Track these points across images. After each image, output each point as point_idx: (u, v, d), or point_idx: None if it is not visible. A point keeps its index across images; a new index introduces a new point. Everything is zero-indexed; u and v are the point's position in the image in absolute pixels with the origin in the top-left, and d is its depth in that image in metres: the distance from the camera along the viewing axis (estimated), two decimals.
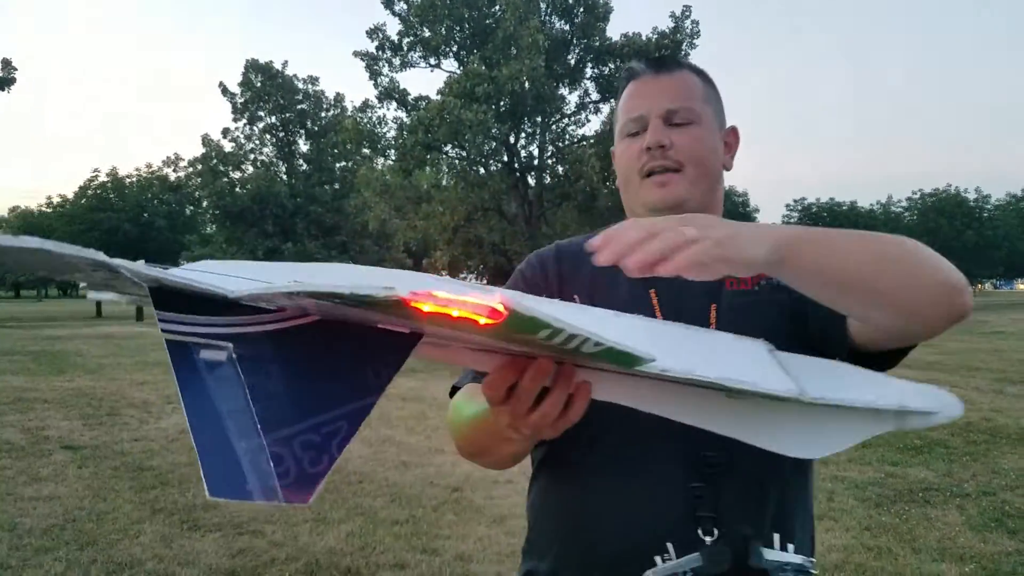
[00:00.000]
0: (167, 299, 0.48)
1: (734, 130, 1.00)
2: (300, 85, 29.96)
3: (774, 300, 0.85)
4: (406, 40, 17.09)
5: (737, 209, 35.19)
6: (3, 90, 15.90)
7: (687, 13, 17.06)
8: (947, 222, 35.76)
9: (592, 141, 17.20)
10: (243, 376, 0.46)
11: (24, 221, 35.78)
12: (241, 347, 0.46)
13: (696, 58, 16.54)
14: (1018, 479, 4.56)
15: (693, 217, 0.62)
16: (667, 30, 16.67)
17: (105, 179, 30.58)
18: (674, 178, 0.90)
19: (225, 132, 29.72)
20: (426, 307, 0.39)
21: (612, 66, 17.31)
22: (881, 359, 0.79)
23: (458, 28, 16.77)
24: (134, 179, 31.22)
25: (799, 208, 38.55)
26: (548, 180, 17.60)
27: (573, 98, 17.92)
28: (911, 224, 38.02)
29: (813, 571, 0.81)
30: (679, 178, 0.90)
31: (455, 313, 0.40)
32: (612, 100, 16.76)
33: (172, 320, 0.48)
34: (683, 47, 16.55)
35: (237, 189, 28.51)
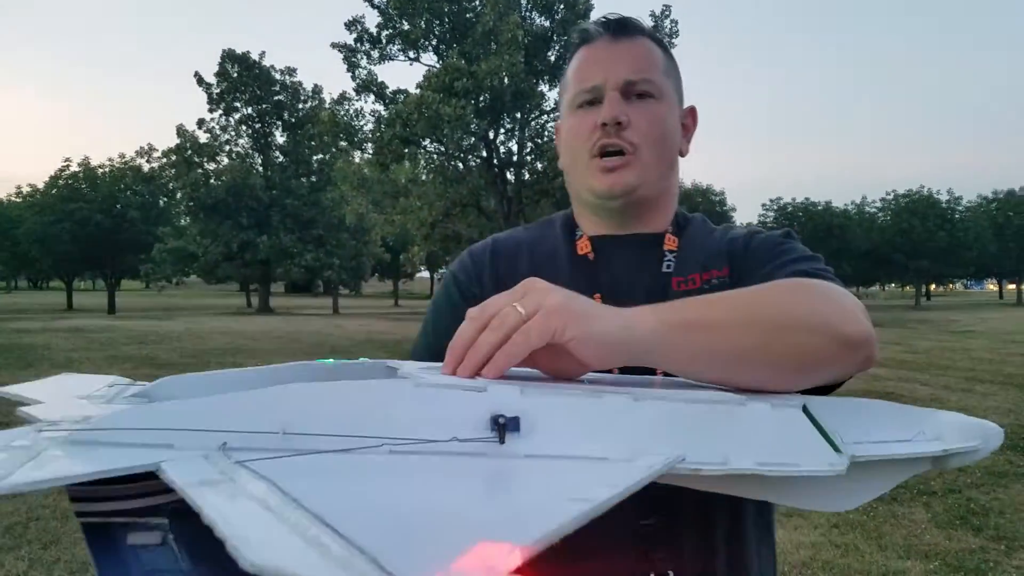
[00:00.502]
0: None
1: (693, 110, 0.91)
2: (277, 76, 29.61)
3: None
4: (385, 33, 16.93)
5: (714, 208, 35.43)
6: None
7: (667, 12, 17.09)
8: (920, 223, 36.38)
9: None
10: (183, 562, 0.36)
11: None
12: (180, 522, 0.35)
13: (675, 53, 16.63)
14: (983, 477, 4.61)
15: (532, 283, 0.53)
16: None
17: (76, 169, 29.83)
18: (626, 162, 0.81)
19: (200, 123, 29.26)
20: None
21: None
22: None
23: (437, 22, 16.63)
24: (107, 169, 30.51)
25: (775, 208, 38.97)
26: (527, 176, 17.54)
27: (552, 95, 17.89)
28: (884, 224, 38.65)
29: None
30: (632, 162, 0.81)
31: None
32: None
33: (87, 496, 0.36)
34: None
35: (212, 181, 28.06)
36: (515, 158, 17.38)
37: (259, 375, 0.57)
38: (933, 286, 50.27)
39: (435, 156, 16.48)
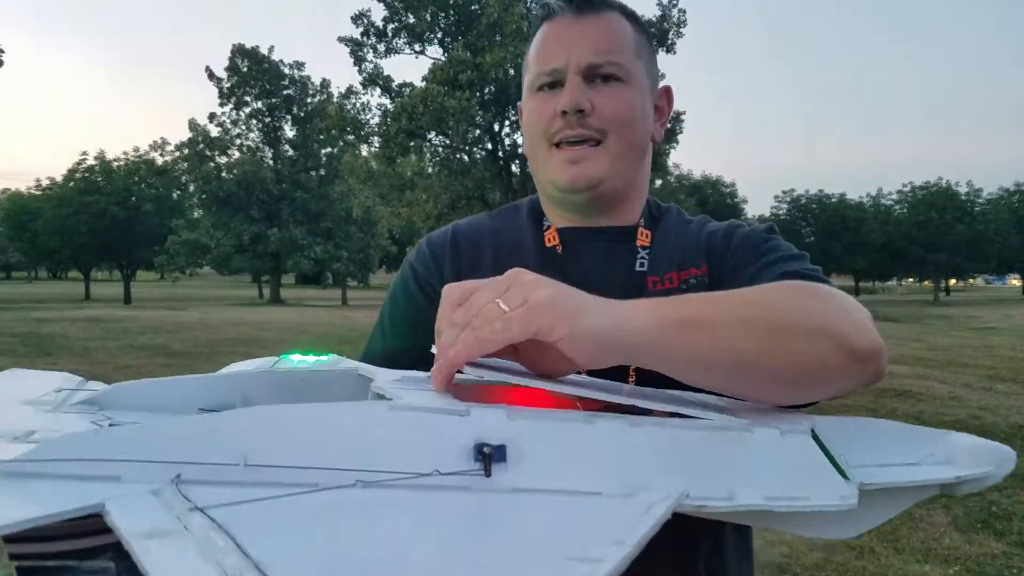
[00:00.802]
0: None
1: (667, 91, 0.83)
2: (286, 70, 29.84)
3: None
4: (391, 26, 16.89)
5: (725, 201, 35.04)
6: None
7: (674, 1, 16.80)
8: (938, 215, 35.81)
9: None
10: None
11: (14, 203, 35.45)
12: (128, 563, 0.30)
13: (683, 48, 16.29)
14: (1006, 480, 4.41)
15: (519, 275, 0.49)
16: (653, 18, 16.39)
17: (93, 162, 30.29)
18: (590, 153, 0.75)
19: (211, 117, 29.52)
20: None
21: None
22: None
23: (443, 14, 16.57)
24: (121, 163, 30.92)
25: (788, 200, 38.51)
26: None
27: None
28: (901, 217, 38.09)
29: None
30: (597, 153, 0.75)
31: None
32: None
33: (23, 536, 0.32)
34: (669, 36, 16.34)
35: (223, 174, 28.34)
36: (520, 150, 17.29)
37: (218, 383, 0.53)
38: (952, 281, 49.50)
39: (440, 149, 16.45)
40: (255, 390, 0.53)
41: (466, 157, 16.42)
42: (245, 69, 29.10)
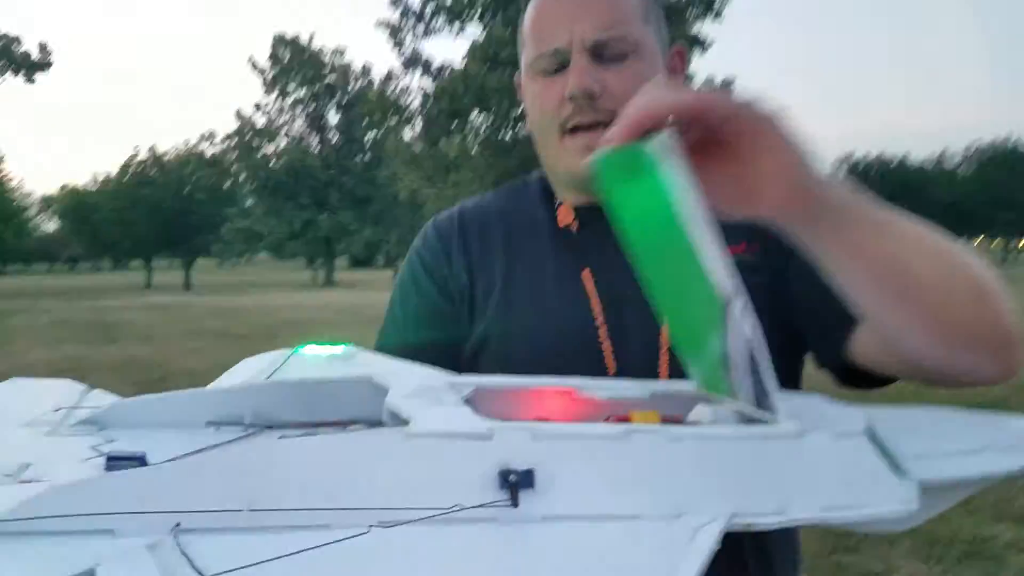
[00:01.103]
0: None
1: (680, 53, 0.76)
2: (327, 58, 30.12)
3: (749, 284, 0.57)
4: (429, 6, 16.77)
5: None
6: (42, 71, 16.36)
7: None
8: (1007, 175, 33.86)
9: None
10: None
11: (72, 198, 37.16)
12: None
13: (730, 9, 15.55)
14: None
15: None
16: None
17: (145, 156, 31.49)
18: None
19: (257, 107, 30.14)
20: None
21: None
22: (866, 379, 0.63)
23: None
24: (172, 156, 32.06)
25: (847, 164, 36.96)
26: None
27: None
28: (966, 178, 36.16)
29: None
30: None
31: None
32: None
33: None
34: (715, 4, 15.76)
35: (272, 163, 29.02)
36: None
37: (226, 397, 0.51)
38: (1023, 242, 46.76)
39: (483, 128, 16.40)
40: (266, 402, 0.50)
41: (509, 135, 16.33)
42: (287, 58, 29.59)
